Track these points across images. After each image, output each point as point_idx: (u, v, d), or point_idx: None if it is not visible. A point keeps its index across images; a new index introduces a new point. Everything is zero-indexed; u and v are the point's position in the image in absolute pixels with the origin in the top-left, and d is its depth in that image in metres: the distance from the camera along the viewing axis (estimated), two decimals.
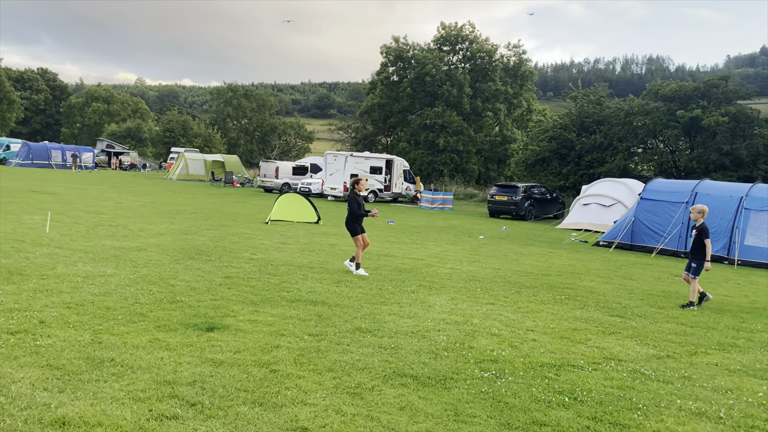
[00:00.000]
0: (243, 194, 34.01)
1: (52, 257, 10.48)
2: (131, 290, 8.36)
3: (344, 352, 6.04)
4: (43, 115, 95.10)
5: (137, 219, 17.32)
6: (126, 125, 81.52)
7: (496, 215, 28.24)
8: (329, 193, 33.41)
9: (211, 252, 12.22)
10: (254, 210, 23.45)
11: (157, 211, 20.22)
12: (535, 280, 11.25)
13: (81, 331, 6.30)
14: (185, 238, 13.97)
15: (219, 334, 6.50)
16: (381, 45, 46.61)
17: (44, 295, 7.81)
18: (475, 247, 15.94)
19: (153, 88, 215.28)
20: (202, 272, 10.05)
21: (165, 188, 33.49)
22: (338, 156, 33.49)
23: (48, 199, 21.51)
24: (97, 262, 10.34)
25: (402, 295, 9.16)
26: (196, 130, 68.40)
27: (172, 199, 25.82)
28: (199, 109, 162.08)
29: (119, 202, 22.72)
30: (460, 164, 43.95)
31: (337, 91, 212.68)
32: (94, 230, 14.32)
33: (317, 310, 7.81)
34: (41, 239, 12.37)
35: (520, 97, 47.01)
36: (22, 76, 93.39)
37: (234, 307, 7.74)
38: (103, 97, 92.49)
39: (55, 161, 50.86)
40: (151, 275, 9.48)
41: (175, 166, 46.38)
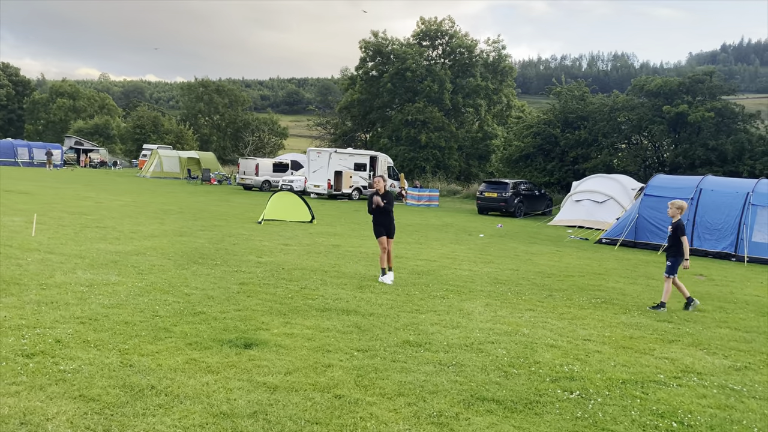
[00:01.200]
0: (223, 192, 33.07)
1: (46, 264, 9.67)
2: (145, 300, 7.65)
3: (405, 371, 5.47)
4: (5, 111, 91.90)
5: (124, 220, 16.43)
6: (93, 122, 79.23)
7: (485, 212, 27.89)
8: (312, 190, 32.67)
9: (214, 255, 11.51)
10: (241, 209, 22.66)
11: (141, 211, 19.30)
12: (561, 282, 10.82)
13: (105, 352, 5.61)
14: (182, 241, 13.20)
15: (259, 351, 5.87)
16: (360, 40, 46.02)
17: (50, 308, 7.07)
18: (481, 247, 15.49)
19: (117, 84, 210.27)
20: (213, 278, 9.36)
21: (142, 186, 32.34)
22: (322, 153, 32.77)
23: (23, 199, 20.41)
24: (96, 268, 9.57)
25: (433, 301, 8.63)
26: (168, 127, 66.73)
27: (154, 198, 24.83)
28: (166, 105, 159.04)
29: (99, 201, 21.70)
30: (441, 160, 43.54)
31: (306, 87, 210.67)
32: (82, 233, 13.45)
33: (353, 321, 7.22)
34: (29, 243, 11.50)
35: (500, 93, 46.80)
36: None
37: (262, 319, 7.11)
38: (68, 92, 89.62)
39: (21, 159, 48.98)
40: (160, 283, 8.76)
41: (148, 163, 45.03)
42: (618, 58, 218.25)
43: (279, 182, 35.91)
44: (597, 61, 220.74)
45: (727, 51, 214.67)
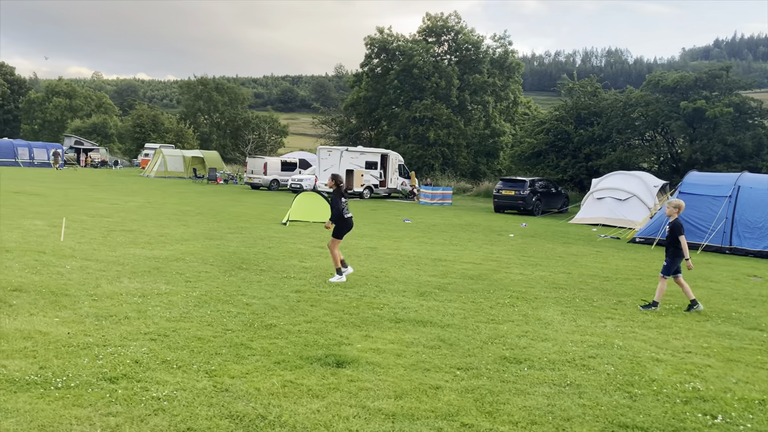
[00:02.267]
0: (233, 192, 32.53)
1: (87, 272, 9.19)
2: (208, 312, 7.20)
3: (522, 394, 5.04)
4: (1, 111, 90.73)
5: (146, 222, 15.93)
6: (91, 121, 78.38)
7: (502, 210, 27.49)
8: (324, 189, 32.11)
9: (255, 260, 11.05)
10: (258, 209, 22.16)
11: (160, 212, 18.80)
12: (621, 286, 10.43)
13: (192, 374, 5.15)
14: (215, 245, 12.73)
15: (354, 370, 5.43)
16: (365, 36, 45.42)
17: (111, 322, 6.60)
18: (518, 248, 15.08)
19: (111, 83, 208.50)
20: (266, 286, 8.91)
21: (149, 187, 31.76)
22: (333, 151, 32.26)
23: (37, 201, 19.86)
24: (140, 276, 9.10)
25: (504, 310, 8.20)
26: (168, 125, 66.00)
27: (166, 199, 24.30)
28: (160, 104, 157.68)
29: (114, 203, 21.16)
30: (450, 158, 43.08)
31: (301, 84, 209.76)
32: (110, 237, 12.95)
33: (434, 333, 6.79)
34: (61, 249, 11.01)
35: (507, 89, 46.37)
36: None
37: (338, 332, 6.67)
38: (64, 91, 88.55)
39: (21, 159, 48.22)
40: (214, 292, 8.30)
41: (152, 162, 44.39)
42: (612, 53, 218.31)
43: (288, 181, 35.43)
44: (591, 57, 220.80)
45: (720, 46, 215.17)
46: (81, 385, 4.80)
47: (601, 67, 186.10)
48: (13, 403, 4.41)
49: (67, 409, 4.35)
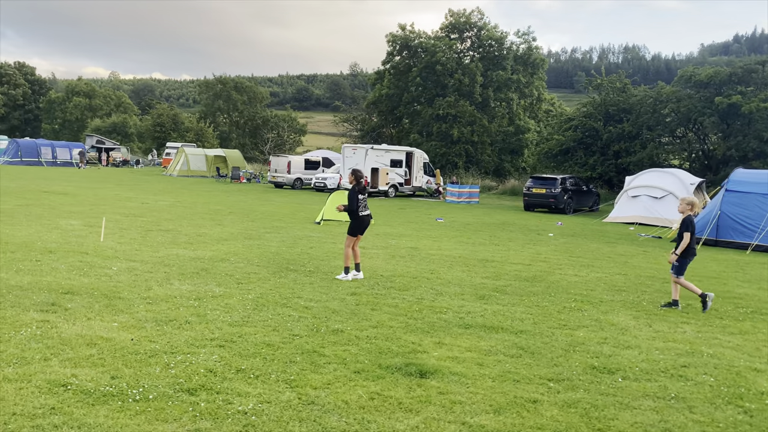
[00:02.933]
0: (258, 191, 32.32)
1: (134, 273, 8.95)
2: (269, 316, 6.92)
3: (628, 408, 4.69)
4: (22, 111, 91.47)
5: (181, 222, 15.72)
6: (111, 120, 78.76)
7: (532, 208, 27.02)
8: (348, 187, 31.84)
9: (301, 261, 10.77)
10: (288, 208, 21.90)
11: (192, 211, 18.60)
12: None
13: (272, 385, 4.86)
14: (256, 245, 12.47)
15: (440, 381, 5.11)
16: (387, 33, 44.97)
17: (172, 327, 6.34)
18: (564, 248, 14.67)
19: (127, 83, 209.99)
20: (319, 288, 8.62)
21: (174, 186, 31.66)
22: (358, 149, 31.96)
23: (67, 201, 19.76)
24: (189, 277, 8.84)
25: (572, 314, 7.84)
26: (188, 125, 66.11)
27: (195, 198, 24.13)
28: (176, 103, 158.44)
29: (144, 202, 21.01)
30: (474, 156, 42.57)
31: (315, 83, 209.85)
32: (149, 237, 12.74)
33: (509, 340, 6.45)
34: (103, 250, 10.81)
35: (531, 86, 45.75)
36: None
37: (409, 338, 6.35)
38: (84, 91, 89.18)
39: (45, 158, 48.42)
40: (269, 294, 8.03)
41: (174, 161, 44.37)
42: (629, 50, 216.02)
43: (312, 180, 35.19)
44: (608, 54, 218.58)
45: (739, 41, 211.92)
46: (159, 397, 4.52)
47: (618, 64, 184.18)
48: (93, 417, 4.15)
49: (151, 425, 4.08)
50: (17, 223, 13.64)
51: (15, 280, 8.10)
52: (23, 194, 21.08)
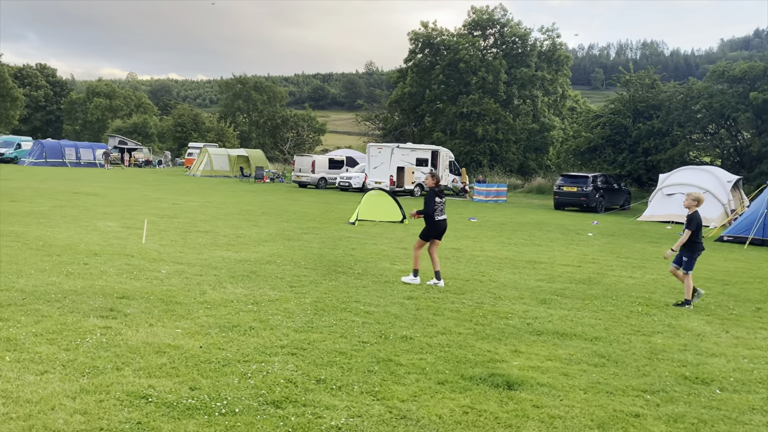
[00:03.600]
0: (283, 190, 32.23)
1: (184, 276, 8.81)
2: (332, 321, 6.73)
3: (739, 424, 4.43)
4: (44, 112, 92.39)
5: (217, 223, 15.60)
6: (132, 120, 79.31)
7: (562, 207, 26.64)
8: (373, 187, 31.60)
9: (347, 263, 10.57)
10: (318, 208, 21.72)
11: (224, 212, 18.50)
12: (746, 291, 9.69)
13: (357, 397, 4.65)
14: (298, 246, 12.30)
15: (531, 394, 4.87)
16: (409, 31, 44.70)
17: (237, 333, 6.16)
18: (608, 248, 14.35)
19: (145, 83, 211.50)
20: (374, 291, 8.42)
21: (200, 186, 31.66)
22: (383, 148, 31.75)
23: (99, 202, 19.75)
24: (241, 281, 8.68)
25: (641, 318, 7.56)
26: (208, 125, 66.32)
27: (224, 198, 24.06)
28: (193, 103, 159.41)
29: (174, 202, 20.96)
30: (498, 154, 42.16)
31: (331, 82, 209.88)
32: (189, 238, 12.62)
33: (587, 348, 6.19)
34: (147, 252, 10.69)
35: (556, 83, 45.21)
36: (21, 72, 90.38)
37: (481, 346, 6.11)
38: (104, 92, 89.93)
39: (69, 159, 48.74)
40: (326, 298, 7.83)
41: (198, 161, 44.45)
42: (647, 45, 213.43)
43: (336, 179, 35.05)
44: (626, 50, 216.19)
45: (760, 36, 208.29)
46: (245, 410, 4.33)
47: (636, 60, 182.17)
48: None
49: None
50: (56, 225, 13.59)
51: (68, 284, 7.98)
52: (55, 195, 21.13)
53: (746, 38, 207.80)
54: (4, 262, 9.18)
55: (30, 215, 15.19)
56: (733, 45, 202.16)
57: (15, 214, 15.36)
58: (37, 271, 8.70)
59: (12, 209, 16.38)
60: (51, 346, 5.53)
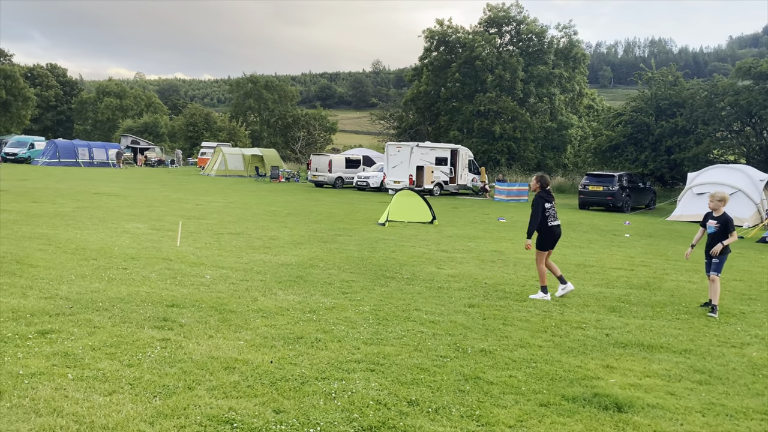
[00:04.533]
0: (301, 190, 31.84)
1: (230, 282, 8.43)
2: (401, 332, 6.33)
3: None
4: (54, 112, 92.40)
5: (246, 224, 15.21)
6: (143, 120, 79.15)
7: (587, 207, 26.15)
8: (392, 186, 31.23)
9: (391, 267, 10.16)
10: (341, 208, 21.29)
11: (250, 213, 18.12)
12: None
13: (459, 422, 4.24)
14: (335, 249, 11.90)
15: (645, 417, 4.45)
16: (424, 29, 44.30)
17: (305, 346, 5.78)
18: (651, 250, 13.89)
19: (153, 83, 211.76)
20: (431, 298, 8.00)
21: (217, 186, 31.30)
22: (402, 147, 31.31)
23: (122, 203, 19.40)
24: (289, 286, 8.30)
25: (723, 329, 7.13)
26: (220, 124, 66.06)
27: (245, 198, 23.68)
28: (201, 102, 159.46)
29: (197, 203, 20.59)
30: (516, 152, 41.63)
31: (338, 81, 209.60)
32: (223, 241, 12.24)
33: (682, 363, 5.76)
34: (184, 255, 10.31)
35: (573, 80, 44.63)
36: (31, 71, 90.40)
37: (570, 360, 5.69)
38: (114, 92, 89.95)
39: (82, 159, 48.54)
40: (384, 306, 7.43)
41: (212, 161, 44.13)
42: (655, 43, 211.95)
43: (353, 179, 34.67)
44: (633, 48, 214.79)
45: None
46: None
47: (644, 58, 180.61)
48: None
49: None
50: (84, 227, 13.25)
51: (112, 291, 7.61)
52: (75, 196, 20.82)
53: (755, 35, 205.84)
54: (42, 267, 8.82)
55: (55, 216, 14.86)
56: (742, 42, 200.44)
57: (40, 215, 15.04)
58: (78, 276, 8.34)
59: (36, 210, 16.06)
60: (112, 362, 5.15)
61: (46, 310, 6.63)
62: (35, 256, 9.64)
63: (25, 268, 8.71)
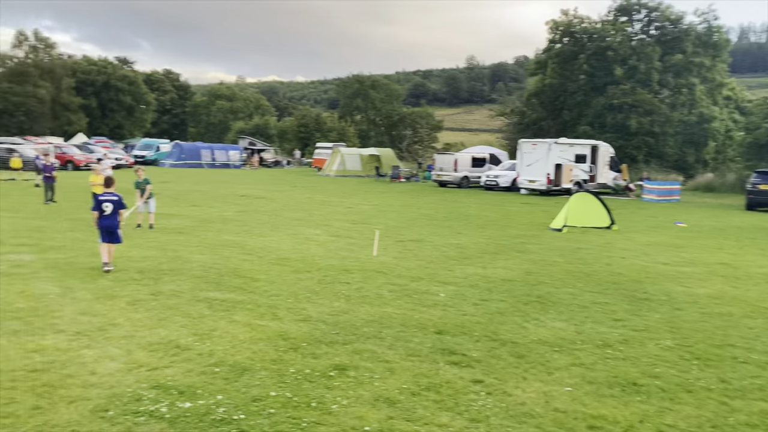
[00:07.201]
0: (429, 190, 30.94)
1: (471, 302, 7.57)
2: (733, 376, 5.09)
3: None
4: (170, 115, 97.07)
5: (415, 230, 14.41)
6: (254, 122, 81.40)
7: (755, 207, 23.53)
8: (526, 186, 29.69)
9: (627, 284, 8.95)
10: (493, 211, 20.09)
11: (406, 217, 17.34)
12: None
13: None
14: (538, 259, 10.83)
15: None
16: (548, 20, 42.22)
17: (658, 397, 4.68)
18: None
19: (252, 86, 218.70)
20: (728, 328, 6.71)
21: (347, 187, 30.96)
22: (538, 144, 29.69)
23: (276, 206, 19.20)
24: (541, 310, 7.37)
25: None
26: (330, 124, 66.67)
27: (383, 200, 23.00)
28: (299, 104, 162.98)
29: (349, 206, 20.05)
30: (655, 148, 38.78)
31: (431, 78, 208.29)
32: (414, 250, 11.52)
33: None
34: (393, 267, 9.61)
35: (713, 69, 41.11)
36: (149, 77, 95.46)
37: None
38: (225, 95, 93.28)
39: (205, 160, 50.10)
40: (687, 341, 6.24)
41: (330, 161, 44.20)
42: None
43: (481, 178, 33.37)
44: (748, 33, 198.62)
45: None
46: None
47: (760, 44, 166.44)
48: None
49: None
50: (262, 234, 12.90)
51: (360, 312, 6.90)
52: (224, 199, 20.91)
53: None
54: (263, 281, 8.33)
55: (226, 222, 14.69)
56: None
57: (210, 220, 14.94)
58: (310, 293, 7.74)
59: (201, 215, 16.05)
60: (450, 414, 4.32)
61: (315, 336, 5.97)
62: (245, 268, 9.20)
63: (249, 282, 8.24)
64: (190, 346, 5.54)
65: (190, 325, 6.19)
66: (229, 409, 4.20)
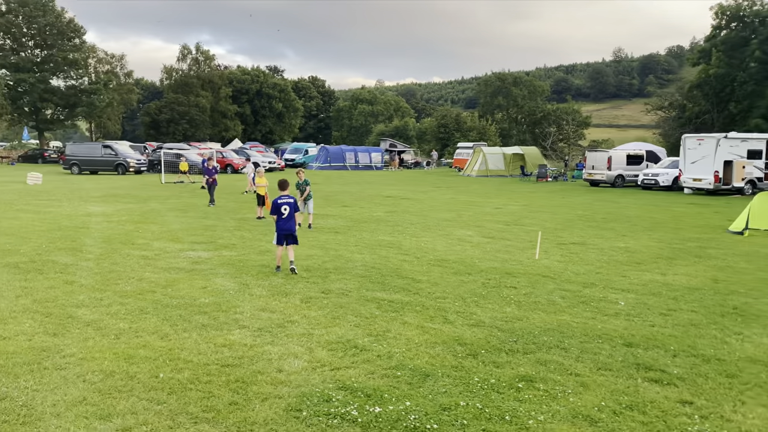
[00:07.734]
0: (581, 190, 29.46)
1: (657, 312, 6.89)
2: None
3: None
4: (316, 120, 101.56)
5: (575, 231, 13.61)
6: (393, 124, 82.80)
7: None
8: (690, 185, 27.27)
9: None
10: (655, 212, 18.58)
11: (561, 218, 16.50)
12: None
13: None
14: (724, 266, 9.79)
15: None
16: (713, 5, 38.57)
17: None
18: None
19: (391, 89, 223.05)
20: None
21: (489, 187, 30.36)
22: (705, 140, 27.17)
23: (422, 207, 19.15)
24: (753, 325, 6.46)
25: None
26: (470, 124, 66.04)
27: (532, 200, 22.16)
28: (436, 104, 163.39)
29: (497, 207, 19.56)
30: None
31: (574, 73, 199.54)
32: (578, 253, 10.78)
33: None
34: (560, 272, 9.08)
35: None
36: (297, 84, 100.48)
37: None
38: (367, 99, 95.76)
39: (349, 163, 51.64)
40: None
41: (471, 161, 43.67)
42: None
43: (638, 177, 31.18)
44: None
45: None
46: None
47: None
48: None
49: None
50: (414, 234, 12.86)
51: (534, 319, 6.52)
52: (371, 199, 21.31)
53: None
54: (425, 282, 8.17)
55: (378, 222, 14.83)
56: None
57: (362, 220, 15.18)
58: (477, 296, 7.51)
59: (353, 215, 16.37)
60: None
61: (492, 343, 5.68)
62: (406, 269, 9.12)
63: (411, 283, 8.13)
64: (368, 346, 5.48)
65: (363, 325, 6.16)
66: (420, 417, 4.03)
